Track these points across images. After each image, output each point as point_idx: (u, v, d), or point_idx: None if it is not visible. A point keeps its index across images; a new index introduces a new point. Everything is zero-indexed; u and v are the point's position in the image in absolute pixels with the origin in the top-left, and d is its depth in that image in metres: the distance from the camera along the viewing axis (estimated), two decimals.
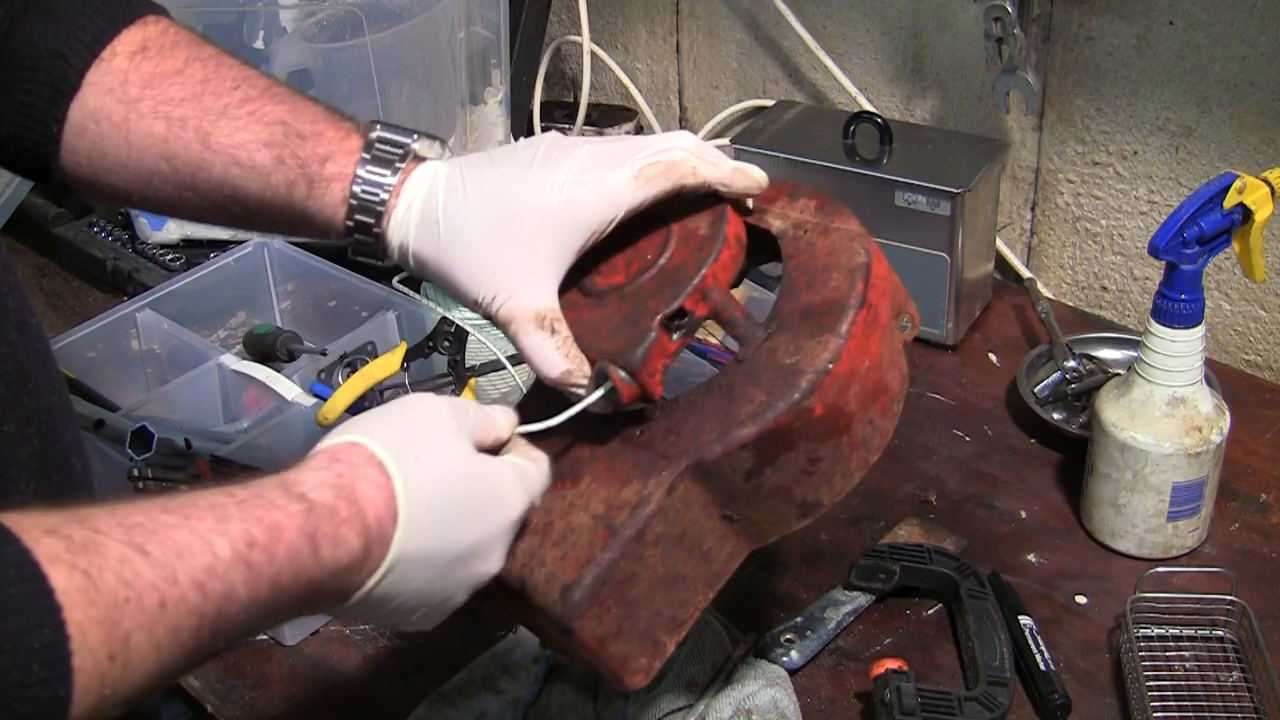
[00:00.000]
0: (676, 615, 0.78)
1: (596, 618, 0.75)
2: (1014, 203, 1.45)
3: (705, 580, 0.79)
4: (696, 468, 0.75)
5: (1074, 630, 1.03)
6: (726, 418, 0.76)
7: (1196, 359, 1.03)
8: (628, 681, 0.78)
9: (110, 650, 0.53)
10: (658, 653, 0.78)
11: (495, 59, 1.56)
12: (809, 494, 0.78)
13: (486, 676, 0.99)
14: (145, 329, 1.28)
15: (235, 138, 0.80)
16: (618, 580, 0.75)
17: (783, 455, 0.76)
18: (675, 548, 0.77)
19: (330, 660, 1.05)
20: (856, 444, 0.79)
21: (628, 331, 0.77)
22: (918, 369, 1.33)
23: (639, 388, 0.76)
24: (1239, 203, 1.01)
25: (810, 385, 0.74)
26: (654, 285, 0.78)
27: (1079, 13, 1.31)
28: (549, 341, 0.76)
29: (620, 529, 0.74)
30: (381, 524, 0.65)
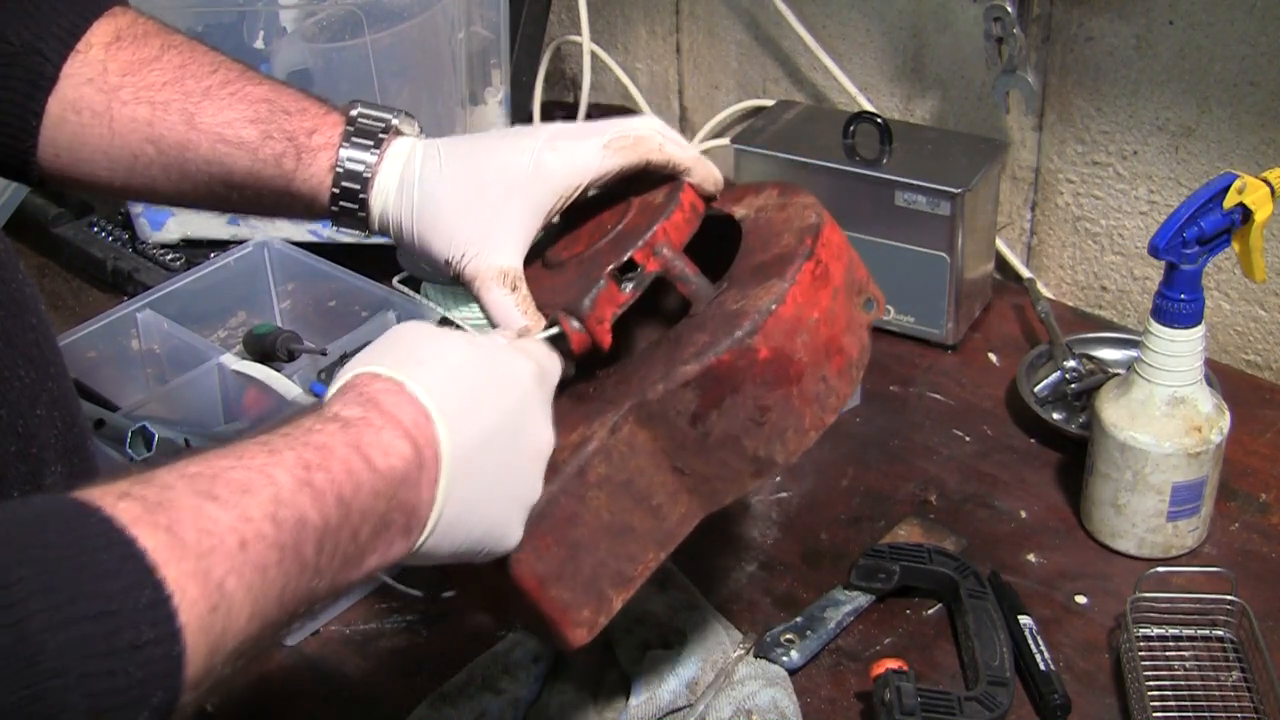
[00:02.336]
0: (624, 570, 0.76)
1: (535, 553, 0.73)
2: (1014, 203, 1.45)
3: (655, 538, 0.78)
4: (640, 408, 0.75)
5: (1074, 630, 1.03)
6: (671, 361, 0.76)
7: (1196, 359, 1.03)
8: (569, 635, 0.75)
9: (210, 601, 0.53)
10: (602, 608, 0.76)
11: (495, 59, 1.56)
12: (760, 448, 0.77)
13: (486, 676, 0.99)
14: (145, 329, 1.28)
15: (220, 116, 0.83)
16: (559, 518, 0.74)
17: (729, 398, 0.75)
18: (621, 495, 0.76)
19: (330, 660, 1.05)
20: (809, 399, 0.77)
21: (580, 286, 0.79)
22: (918, 369, 1.33)
23: (588, 335, 0.78)
24: (1239, 203, 1.01)
25: (753, 325, 0.75)
26: (609, 247, 0.81)
27: (1079, 13, 1.31)
28: (509, 299, 0.80)
29: (561, 467, 0.74)
30: (418, 424, 0.65)
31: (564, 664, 1.00)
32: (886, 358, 1.34)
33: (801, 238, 0.79)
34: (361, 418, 0.63)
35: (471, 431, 0.66)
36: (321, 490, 0.59)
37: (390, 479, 0.62)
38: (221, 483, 0.56)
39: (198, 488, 0.55)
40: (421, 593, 1.09)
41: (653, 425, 0.76)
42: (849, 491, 1.18)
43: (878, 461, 1.22)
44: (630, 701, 0.95)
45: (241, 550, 0.55)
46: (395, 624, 1.07)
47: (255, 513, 0.56)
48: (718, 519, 1.15)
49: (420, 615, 1.08)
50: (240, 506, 0.56)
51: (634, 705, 0.95)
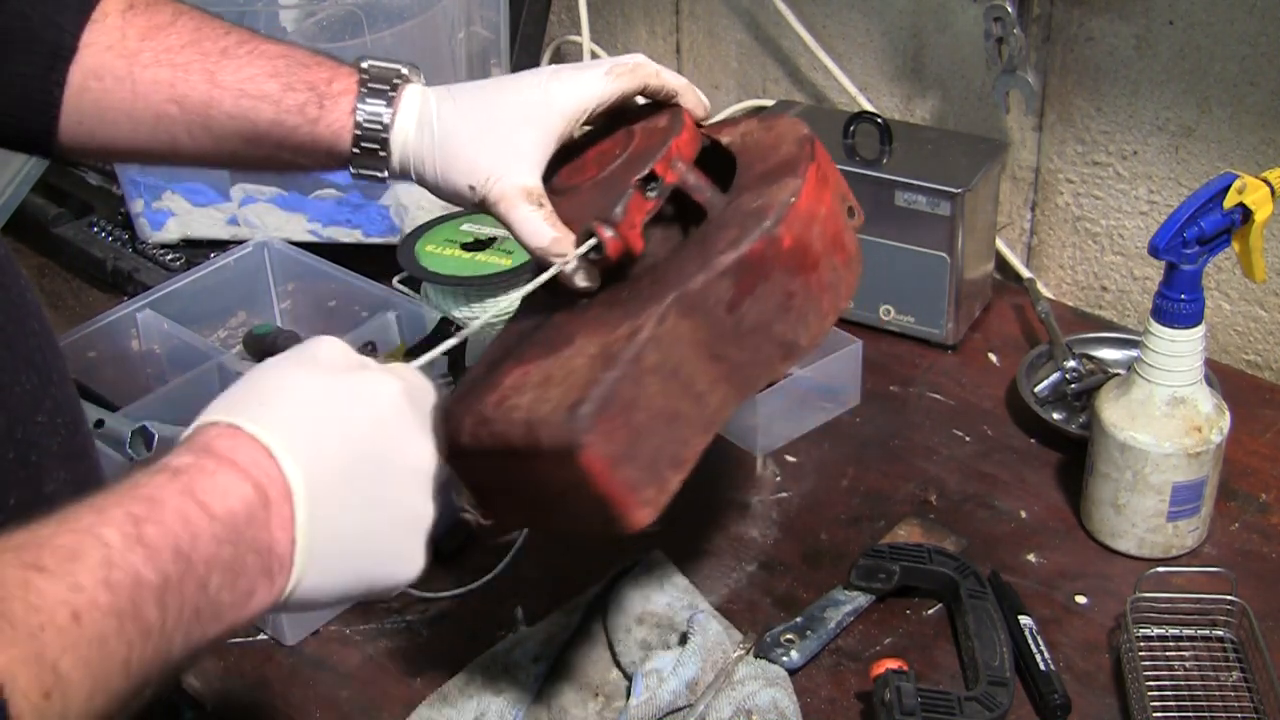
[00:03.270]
0: (678, 453, 0.80)
1: (606, 436, 0.76)
2: (1014, 203, 1.45)
3: (700, 423, 0.82)
4: (682, 299, 0.80)
5: (1074, 630, 1.03)
6: (705, 255, 0.82)
7: (1196, 359, 1.03)
8: (635, 515, 0.78)
9: (43, 687, 0.50)
10: (664, 487, 0.80)
11: (495, 59, 1.56)
12: (787, 332, 0.84)
13: (486, 676, 0.99)
14: (145, 329, 1.28)
15: (241, 73, 0.86)
16: (622, 402, 0.77)
17: (760, 285, 0.82)
18: (671, 381, 0.80)
19: (330, 660, 1.05)
20: (825, 285, 0.85)
21: (606, 198, 0.84)
22: (918, 369, 1.33)
23: (622, 240, 0.83)
24: (1239, 203, 1.01)
25: (777, 216, 0.82)
26: (624, 166, 0.86)
27: (1079, 13, 1.31)
28: (537, 214, 0.83)
29: (619, 354, 0.78)
30: (257, 463, 0.62)
31: (564, 664, 1.01)
32: (886, 358, 1.34)
33: (801, 145, 0.87)
34: (193, 464, 0.61)
35: (328, 461, 0.64)
36: (155, 545, 0.56)
37: (232, 523, 0.59)
38: (48, 551, 0.53)
39: (24, 559, 0.52)
40: (421, 593, 1.09)
41: (694, 315, 0.80)
42: (849, 491, 1.18)
43: (878, 461, 1.22)
44: (630, 701, 0.95)
45: (75, 624, 0.51)
46: (395, 624, 1.08)
47: (86, 580, 0.53)
48: (718, 519, 1.16)
49: (420, 615, 1.08)
50: (70, 575, 0.52)
51: (634, 705, 0.95)
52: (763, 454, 1.22)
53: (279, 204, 1.46)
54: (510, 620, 1.06)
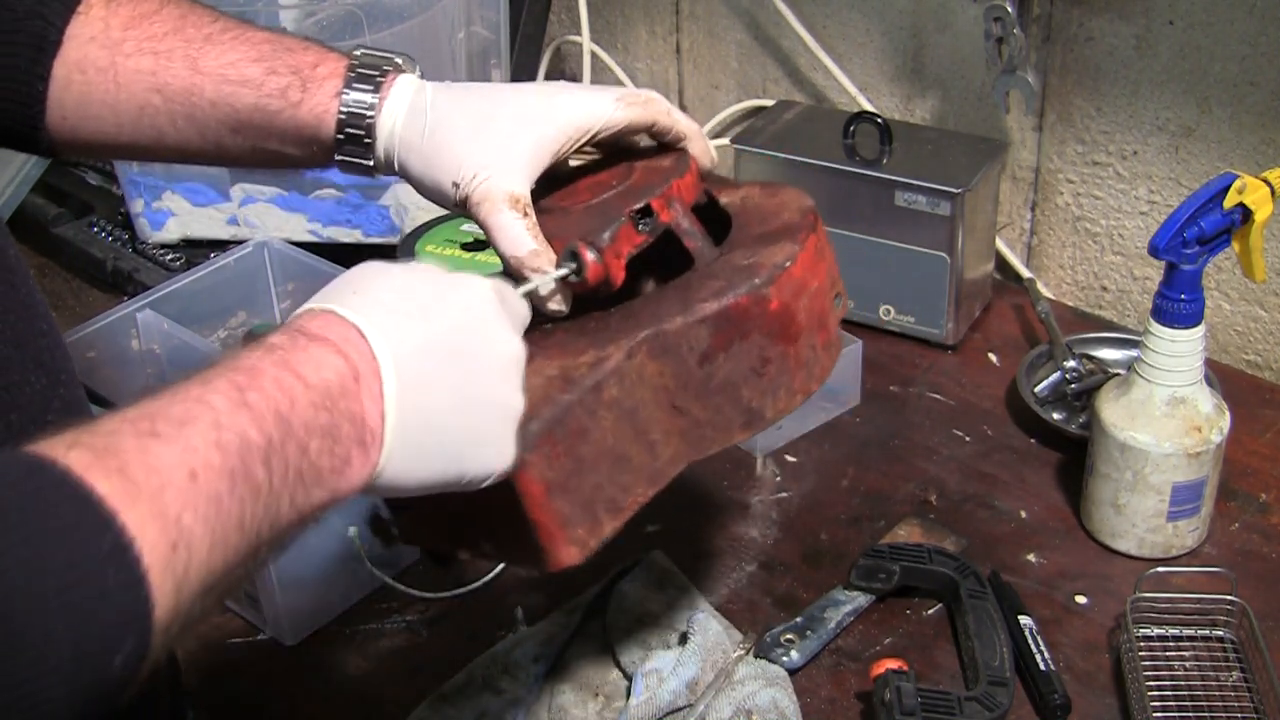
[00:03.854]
0: (617, 498, 0.77)
1: (546, 459, 0.73)
2: (1014, 203, 1.45)
3: (647, 474, 0.78)
4: (656, 339, 0.77)
5: (1074, 630, 1.03)
6: (687, 300, 0.79)
7: (1196, 359, 1.03)
8: (560, 552, 0.75)
9: (169, 539, 0.52)
10: (595, 530, 0.76)
11: (495, 59, 1.56)
12: (754, 399, 0.81)
13: (486, 676, 0.99)
14: (145, 329, 1.28)
15: (224, 59, 0.83)
16: (571, 429, 0.74)
17: (737, 343, 0.79)
18: (625, 423, 0.77)
19: (330, 660, 1.05)
20: (801, 362, 0.82)
21: (595, 222, 0.80)
22: (918, 369, 1.33)
23: (604, 267, 0.79)
24: (1239, 203, 1.01)
25: (769, 276, 0.79)
26: (620, 197, 0.83)
27: (1079, 13, 1.31)
28: (520, 222, 0.79)
29: (579, 380, 0.75)
30: (348, 340, 0.63)
31: (564, 664, 1.01)
32: (886, 358, 1.34)
33: (804, 214, 0.84)
34: (288, 341, 0.63)
35: (414, 340, 0.65)
36: (257, 408, 0.59)
37: (326, 391, 0.61)
38: (161, 419, 0.56)
39: (140, 429, 0.55)
40: (421, 593, 1.09)
41: (663, 359, 0.78)
42: (849, 491, 1.18)
43: (878, 461, 1.22)
44: (630, 701, 0.95)
45: (192, 483, 0.54)
46: (395, 624, 1.08)
47: (198, 442, 0.56)
48: (718, 519, 1.16)
49: (420, 615, 1.08)
50: (183, 438, 0.55)
51: (634, 705, 0.95)
52: (763, 454, 1.22)
53: (279, 204, 1.46)
54: (510, 620, 1.06)
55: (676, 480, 1.20)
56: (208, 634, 1.07)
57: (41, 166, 1.64)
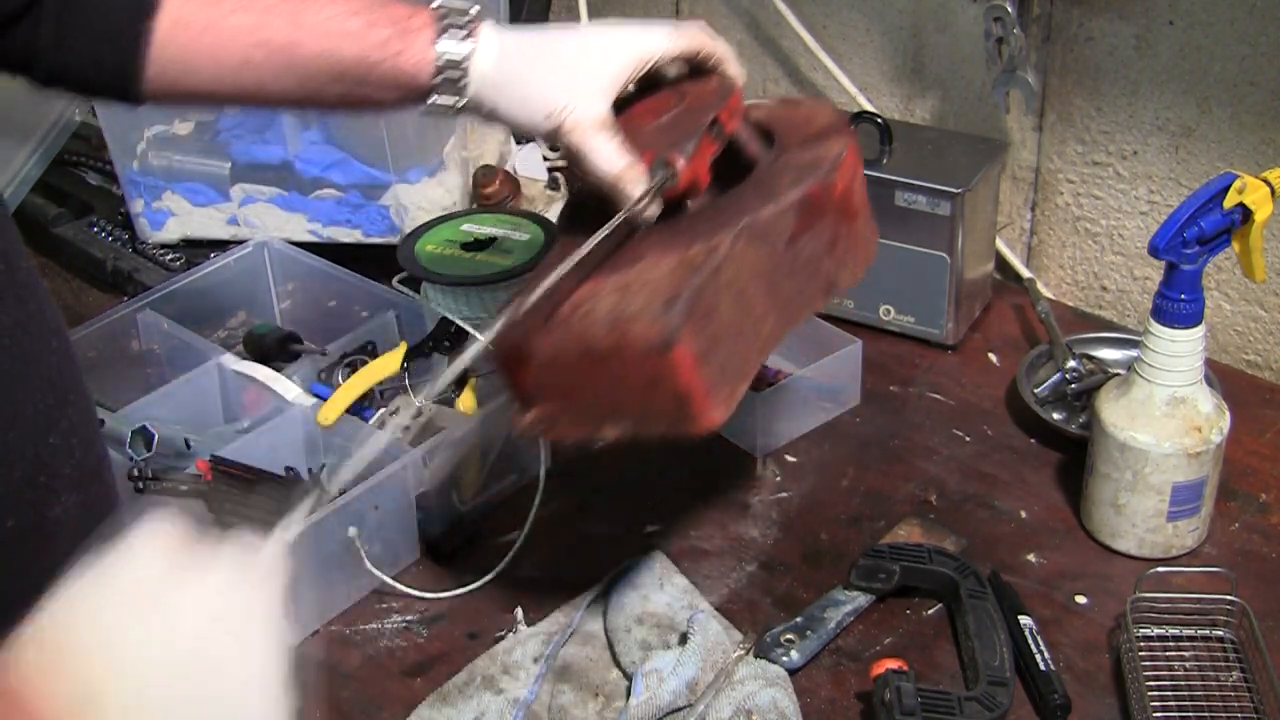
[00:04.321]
0: (741, 367, 0.88)
1: (694, 334, 0.82)
2: (1014, 203, 1.45)
3: (756, 345, 0.90)
4: (752, 226, 0.87)
5: (1074, 630, 1.03)
6: (768, 193, 0.90)
7: (1196, 359, 1.03)
8: (709, 414, 0.84)
9: None
10: (732, 393, 0.87)
11: None
12: (832, 270, 0.94)
13: (486, 676, 0.99)
14: (145, 329, 1.28)
15: (323, 14, 0.90)
16: (705, 307, 0.84)
17: (815, 224, 0.91)
18: (738, 302, 0.87)
19: (330, 660, 1.05)
20: (859, 240, 0.96)
21: (673, 138, 0.90)
22: (918, 369, 1.33)
23: (693, 173, 0.89)
24: (1239, 203, 1.01)
25: (833, 164, 0.92)
26: (683, 116, 0.92)
27: (1079, 13, 1.31)
28: (611, 142, 0.89)
29: (701, 265, 0.84)
30: None
31: (564, 664, 1.01)
32: (886, 358, 1.34)
33: (839, 116, 1.00)
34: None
35: None
36: None
37: None
38: None
39: None
40: (421, 593, 1.09)
41: (759, 243, 0.88)
42: (849, 491, 1.18)
43: (878, 461, 1.22)
44: (630, 701, 0.95)
45: None
46: (395, 624, 1.08)
47: None
48: (718, 519, 1.16)
49: (420, 615, 1.08)
50: None
51: (634, 705, 0.95)
52: (763, 454, 1.22)
53: (279, 204, 1.46)
54: (510, 620, 1.06)
55: (677, 480, 1.21)
56: None
57: (41, 166, 1.65)
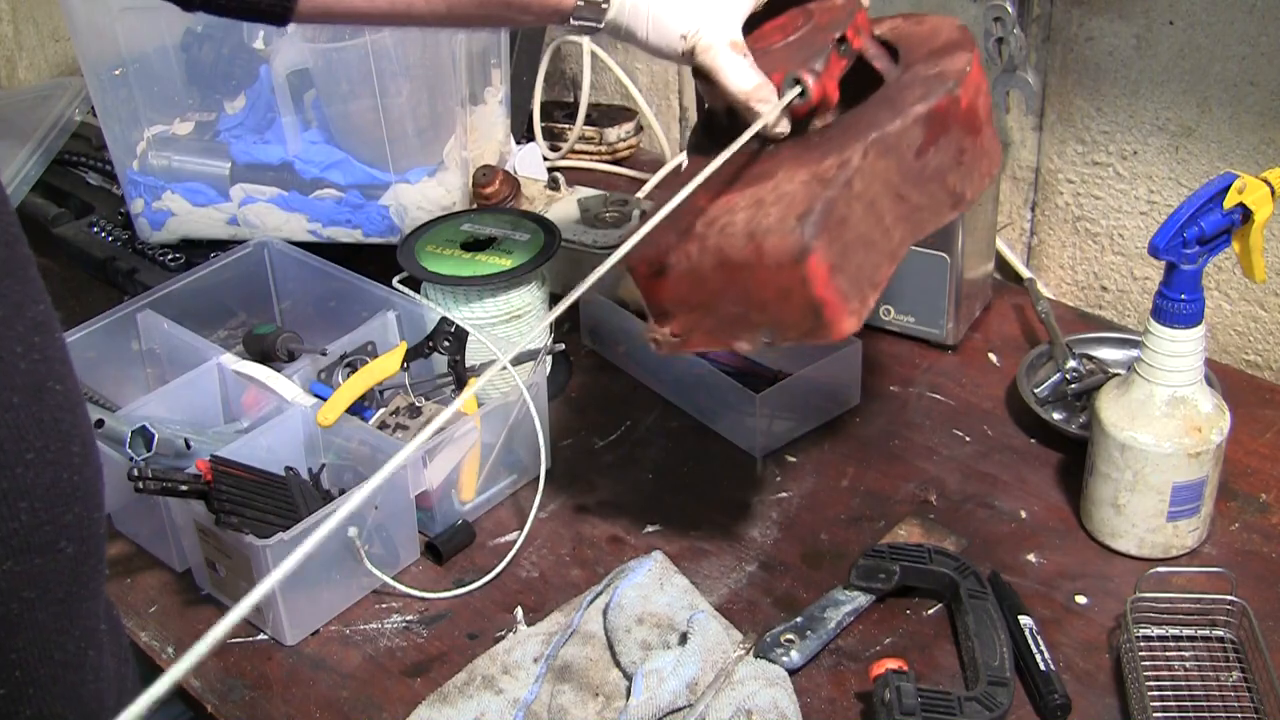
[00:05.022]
0: (873, 276, 0.91)
1: (827, 244, 0.86)
2: (1014, 203, 1.45)
3: (887, 253, 0.92)
4: (881, 140, 0.90)
5: (1074, 630, 1.03)
6: (897, 106, 0.93)
7: (1196, 359, 1.03)
8: (843, 321, 0.88)
9: None
10: (864, 302, 0.90)
11: (495, 59, 1.56)
12: (958, 183, 0.96)
13: (486, 676, 0.99)
14: (145, 329, 1.28)
15: None
16: (836, 219, 0.87)
17: (942, 137, 0.93)
18: (869, 212, 0.90)
19: (330, 660, 1.05)
20: (983, 151, 0.97)
21: (802, 56, 0.94)
22: (918, 369, 1.33)
23: (823, 89, 0.93)
24: (1239, 203, 1.01)
25: (958, 79, 0.94)
26: (812, 33, 0.96)
27: (1079, 13, 1.31)
28: (744, 61, 0.93)
29: (832, 178, 0.88)
30: None
31: (564, 664, 1.01)
32: (886, 358, 1.34)
33: (962, 31, 1.01)
34: None
35: None
36: None
37: None
38: None
39: None
40: (421, 593, 1.09)
41: (889, 155, 0.91)
42: (849, 491, 1.18)
43: (878, 461, 1.22)
44: (630, 701, 0.95)
45: None
46: (395, 624, 1.08)
47: None
48: (718, 519, 1.16)
49: (420, 615, 1.08)
50: None
51: (634, 705, 0.95)
52: (763, 454, 1.22)
53: (279, 204, 1.46)
54: (510, 620, 1.06)
55: (676, 480, 1.21)
56: (208, 633, 1.07)
57: (41, 166, 1.65)
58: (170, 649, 1.06)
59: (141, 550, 1.16)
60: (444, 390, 1.21)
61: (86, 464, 0.76)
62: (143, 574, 1.14)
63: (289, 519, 1.04)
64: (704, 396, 1.27)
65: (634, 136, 1.75)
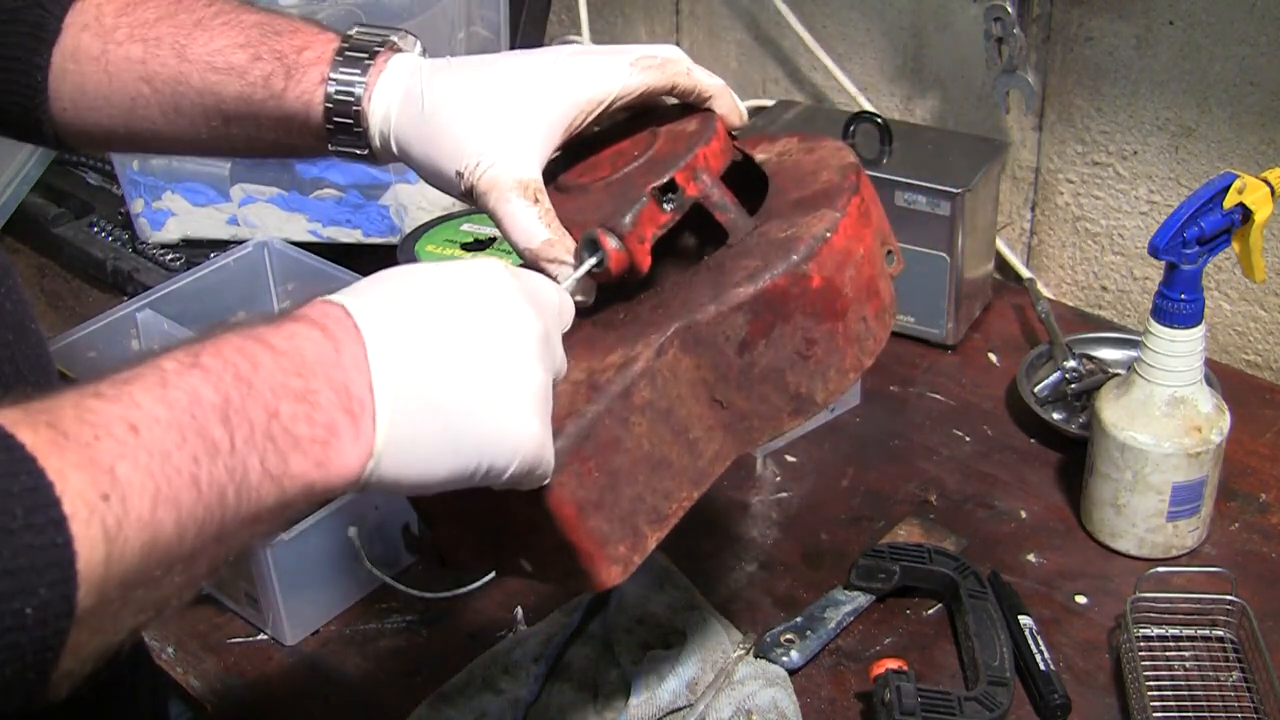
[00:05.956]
0: (660, 507, 0.72)
1: (577, 477, 0.68)
2: (1014, 203, 1.45)
3: (690, 476, 0.74)
4: (688, 331, 0.72)
5: (1074, 630, 1.03)
6: (719, 285, 0.73)
7: (1196, 359, 1.03)
8: (602, 572, 0.70)
9: (99, 489, 0.47)
10: (638, 545, 0.71)
11: None
12: (803, 384, 0.75)
13: (486, 676, 0.99)
14: (145, 329, 1.28)
15: (211, 45, 0.79)
16: (602, 441, 0.69)
17: (778, 328, 0.73)
18: (661, 425, 0.71)
19: (330, 660, 1.05)
20: (851, 338, 0.76)
21: (615, 204, 0.74)
22: (918, 369, 1.33)
23: (627, 255, 0.73)
24: (1239, 203, 1.01)
25: (809, 251, 0.73)
26: (642, 170, 0.76)
27: (1079, 13, 1.31)
28: (531, 210, 0.73)
29: (606, 386, 0.69)
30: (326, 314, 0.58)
31: (564, 664, 1.01)
32: (886, 358, 1.33)
33: (845, 174, 0.78)
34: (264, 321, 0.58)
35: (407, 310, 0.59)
36: (212, 369, 0.53)
37: (299, 358, 0.56)
38: (106, 383, 0.51)
39: (83, 390, 0.51)
40: (421, 593, 1.09)
41: (698, 351, 0.73)
42: (849, 491, 1.18)
43: (878, 461, 1.22)
44: (630, 701, 0.95)
45: (132, 434, 0.49)
46: (395, 624, 1.08)
47: (142, 398, 0.51)
48: (718, 519, 1.16)
49: (420, 615, 1.08)
50: (125, 395, 0.50)
51: (634, 705, 0.95)
52: (763, 454, 1.22)
53: (279, 204, 1.46)
54: (510, 620, 1.06)
55: None
56: (207, 633, 1.07)
57: (41, 166, 1.64)
58: (170, 649, 1.06)
59: None
60: None
61: None
62: None
63: None
64: None
65: None
